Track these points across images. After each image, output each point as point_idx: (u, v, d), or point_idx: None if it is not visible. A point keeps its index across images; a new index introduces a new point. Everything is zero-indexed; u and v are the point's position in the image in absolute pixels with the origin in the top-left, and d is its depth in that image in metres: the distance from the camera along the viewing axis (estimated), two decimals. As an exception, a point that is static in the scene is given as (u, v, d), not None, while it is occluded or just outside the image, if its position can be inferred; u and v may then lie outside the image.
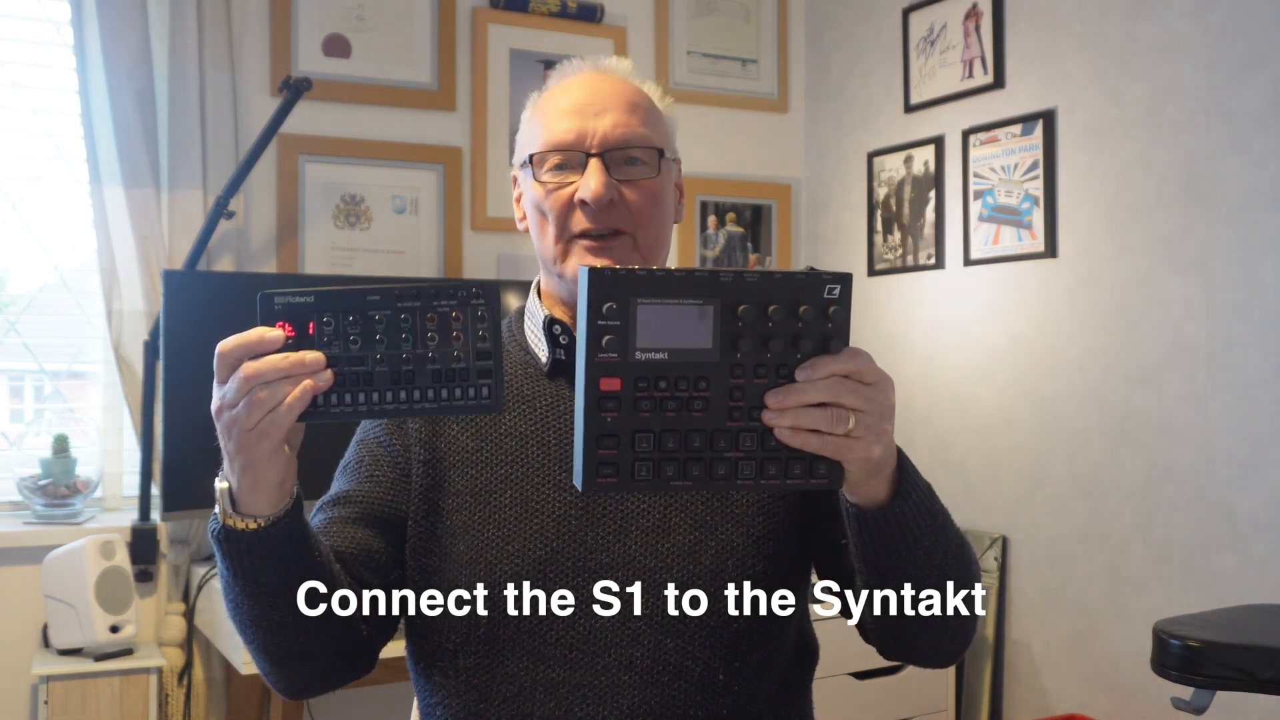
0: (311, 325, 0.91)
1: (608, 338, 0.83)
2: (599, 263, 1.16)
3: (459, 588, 1.16)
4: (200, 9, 2.73)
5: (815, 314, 0.86)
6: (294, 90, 2.62)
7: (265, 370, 0.90)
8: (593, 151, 1.17)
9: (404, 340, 0.91)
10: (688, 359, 0.85)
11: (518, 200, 1.28)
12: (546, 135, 1.19)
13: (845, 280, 0.86)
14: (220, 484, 0.99)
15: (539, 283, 1.29)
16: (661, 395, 0.85)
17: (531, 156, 1.20)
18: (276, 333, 0.91)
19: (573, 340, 1.22)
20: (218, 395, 0.93)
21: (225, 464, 0.98)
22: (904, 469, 0.98)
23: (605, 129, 1.18)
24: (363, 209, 3.00)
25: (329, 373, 0.91)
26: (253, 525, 0.99)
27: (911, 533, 0.99)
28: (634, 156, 1.19)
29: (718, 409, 0.86)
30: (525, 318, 1.28)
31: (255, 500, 0.98)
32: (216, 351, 0.92)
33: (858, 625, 1.18)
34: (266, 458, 0.94)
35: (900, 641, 1.12)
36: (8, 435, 2.78)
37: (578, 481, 0.87)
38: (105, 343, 2.73)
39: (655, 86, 1.27)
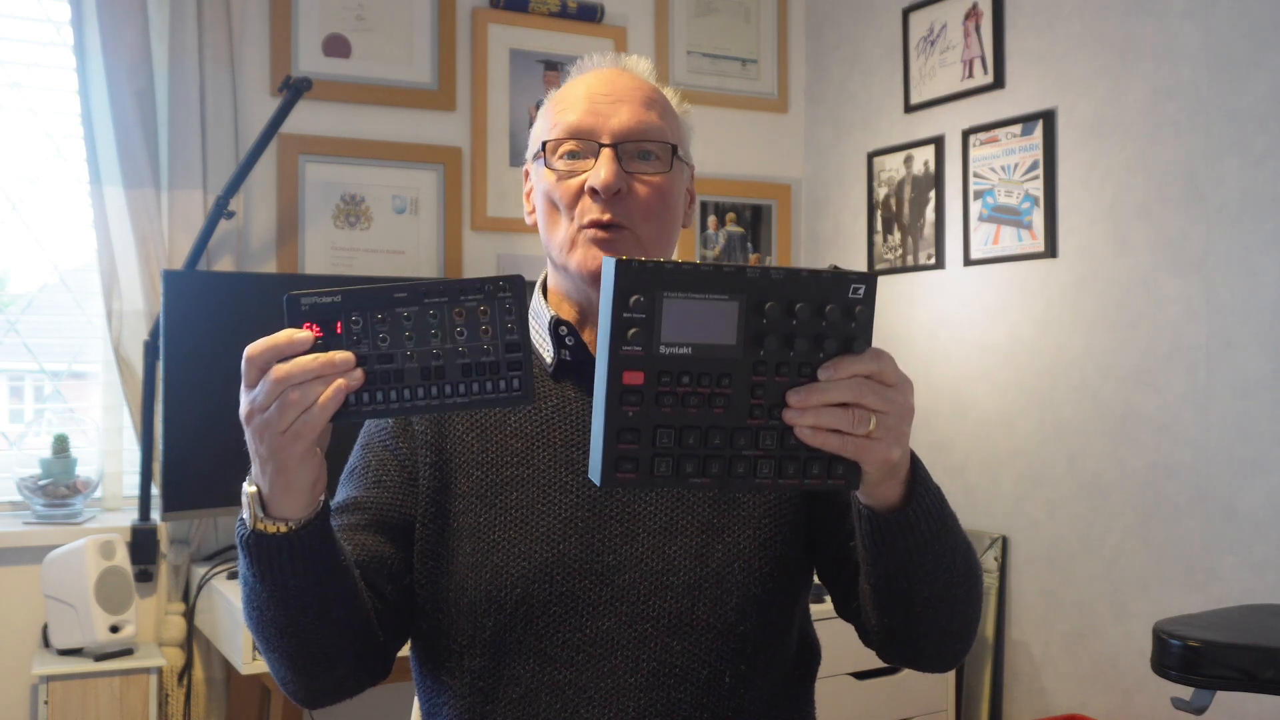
0: (339, 325, 0.90)
1: (633, 330, 0.82)
2: (605, 255, 1.16)
3: (466, 590, 1.16)
4: (200, 9, 2.73)
5: (840, 313, 0.85)
6: (294, 90, 2.62)
7: (296, 372, 0.89)
8: (605, 141, 1.16)
9: (433, 336, 0.91)
10: (711, 355, 0.84)
11: (528, 194, 1.27)
12: (560, 121, 1.19)
13: (870, 280, 0.85)
14: (248, 488, 0.98)
15: (544, 282, 1.29)
16: (684, 391, 0.84)
17: (545, 144, 1.19)
18: (305, 334, 0.90)
19: (578, 341, 1.21)
20: (246, 400, 0.92)
21: (255, 468, 0.96)
22: (917, 472, 0.98)
23: (621, 119, 1.17)
24: (363, 209, 3.00)
25: (360, 371, 0.90)
26: (284, 529, 0.98)
27: (922, 536, 0.99)
28: (647, 150, 1.18)
29: (739, 406, 0.85)
30: (529, 318, 1.28)
31: (287, 503, 0.97)
32: (245, 355, 0.91)
33: (859, 628, 1.18)
34: (299, 460, 0.94)
35: (903, 645, 1.12)
36: (8, 435, 2.78)
37: (595, 475, 0.85)
38: (105, 343, 2.73)
39: (673, 91, 1.27)
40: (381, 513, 1.19)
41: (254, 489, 0.97)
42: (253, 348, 0.91)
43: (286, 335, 0.90)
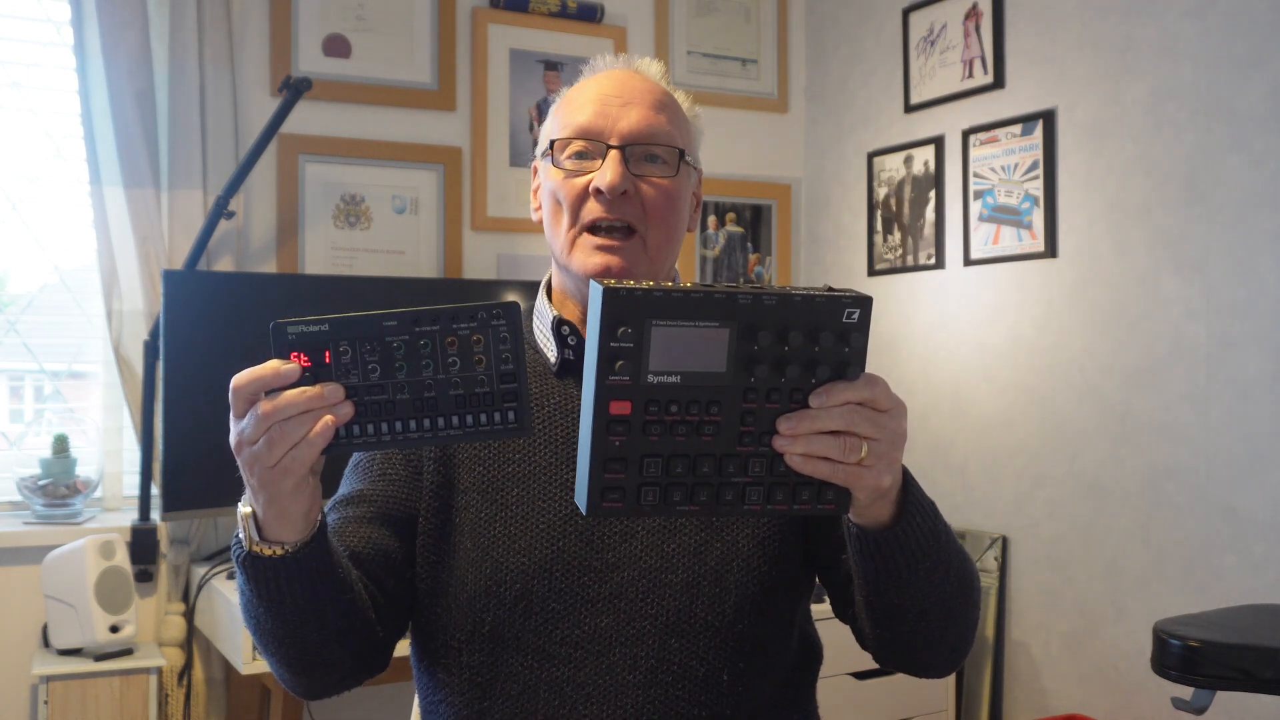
0: (327, 354, 0.87)
1: (620, 361, 0.80)
2: (607, 261, 1.16)
3: (466, 584, 1.16)
4: (200, 9, 2.73)
5: (834, 339, 0.83)
6: (294, 90, 2.62)
7: (283, 407, 0.87)
8: (613, 143, 1.17)
9: (424, 366, 0.87)
10: (701, 382, 0.82)
11: (535, 191, 1.27)
12: (570, 121, 1.19)
13: (865, 304, 0.82)
14: (244, 509, 0.97)
15: (549, 280, 1.29)
16: (672, 419, 0.82)
17: (553, 143, 1.20)
18: (292, 365, 0.87)
19: (581, 341, 1.22)
20: (235, 431, 0.90)
21: (249, 494, 0.95)
22: (909, 489, 0.97)
23: (630, 122, 1.17)
24: (363, 209, 3.00)
25: (349, 405, 0.87)
26: (279, 551, 0.97)
27: (913, 553, 0.98)
28: (655, 154, 1.18)
29: (728, 433, 0.84)
30: (534, 317, 1.28)
31: (281, 530, 0.96)
32: (231, 386, 0.89)
33: (856, 633, 1.18)
34: (291, 492, 0.92)
35: (898, 654, 1.12)
36: (8, 435, 2.78)
37: (581, 504, 0.84)
38: (105, 343, 2.73)
39: (684, 94, 1.27)
40: (386, 506, 1.19)
41: (249, 510, 0.96)
42: (239, 379, 0.89)
43: (273, 367, 0.87)
